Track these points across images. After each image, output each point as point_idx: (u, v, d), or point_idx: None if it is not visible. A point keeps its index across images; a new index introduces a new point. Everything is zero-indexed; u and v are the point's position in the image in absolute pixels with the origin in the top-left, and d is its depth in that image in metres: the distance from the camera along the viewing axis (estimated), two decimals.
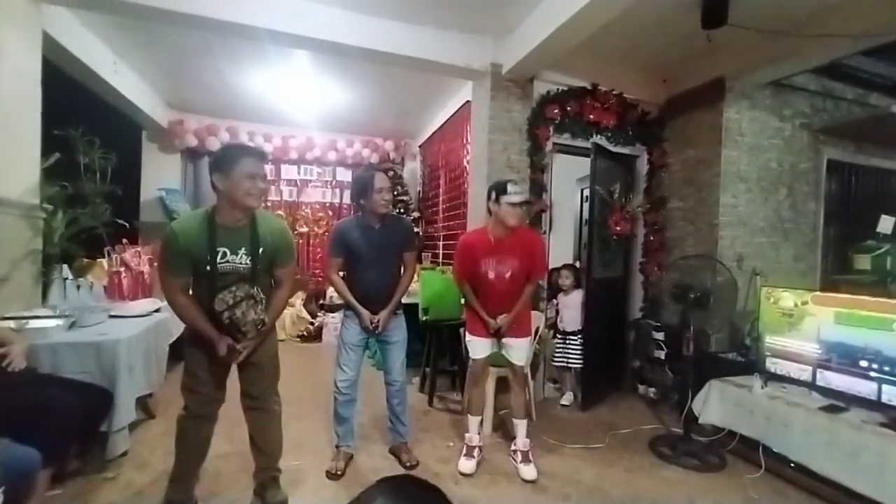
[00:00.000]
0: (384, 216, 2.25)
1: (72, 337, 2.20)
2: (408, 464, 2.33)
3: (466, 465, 2.32)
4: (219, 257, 1.62)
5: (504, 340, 2.40)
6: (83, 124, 2.96)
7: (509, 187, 2.20)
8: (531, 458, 2.34)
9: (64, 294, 2.65)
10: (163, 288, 1.66)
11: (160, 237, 1.65)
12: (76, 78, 3.45)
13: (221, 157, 1.62)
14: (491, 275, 2.30)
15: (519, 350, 2.40)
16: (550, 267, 3.50)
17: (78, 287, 2.76)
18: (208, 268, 1.61)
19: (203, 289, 1.66)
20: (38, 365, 2.01)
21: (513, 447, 2.43)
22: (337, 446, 2.33)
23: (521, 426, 2.41)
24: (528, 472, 2.28)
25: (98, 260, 3.20)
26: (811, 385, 2.48)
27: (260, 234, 1.70)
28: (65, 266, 2.74)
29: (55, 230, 2.65)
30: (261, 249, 1.69)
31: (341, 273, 2.33)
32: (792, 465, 2.29)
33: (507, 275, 2.29)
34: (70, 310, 2.42)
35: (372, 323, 2.24)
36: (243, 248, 1.66)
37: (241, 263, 1.66)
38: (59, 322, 2.24)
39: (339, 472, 2.21)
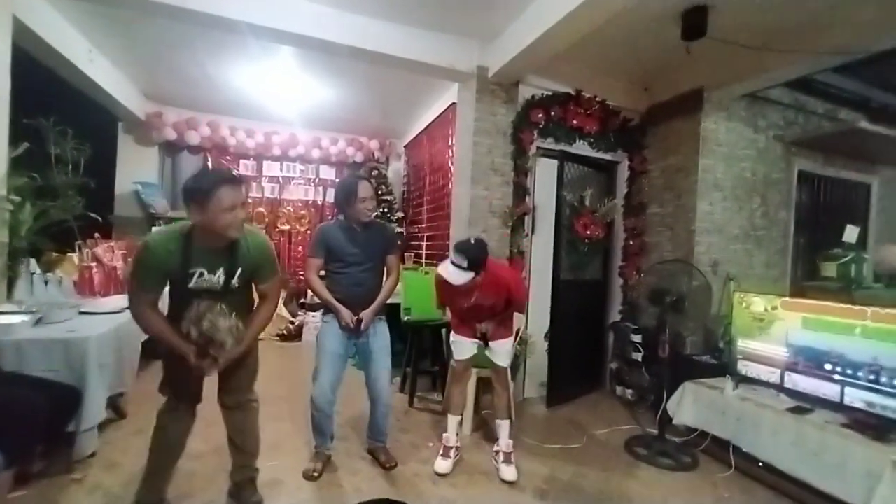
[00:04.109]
0: (368, 222, 2.26)
1: (38, 333, 2.12)
2: (387, 465, 2.32)
3: (443, 464, 2.33)
4: (195, 277, 1.59)
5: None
6: (56, 114, 2.86)
7: (452, 256, 2.08)
8: (513, 459, 2.36)
9: (31, 289, 2.55)
10: (130, 301, 1.60)
11: (136, 249, 1.60)
12: (49, 66, 3.31)
13: (195, 189, 1.51)
14: (469, 304, 2.30)
15: (502, 351, 2.42)
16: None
17: (46, 282, 2.66)
18: (181, 286, 1.60)
19: (177, 302, 1.64)
20: (2, 362, 1.93)
21: (495, 448, 2.44)
22: (315, 448, 2.31)
23: (503, 427, 2.42)
24: (509, 472, 2.29)
25: (68, 254, 3.09)
26: (779, 387, 2.57)
27: (240, 253, 1.65)
28: (32, 260, 2.63)
29: (23, 223, 2.54)
30: (239, 270, 1.66)
31: (322, 273, 2.30)
32: (761, 464, 2.37)
33: (488, 305, 2.30)
34: (37, 305, 2.33)
35: (353, 322, 2.18)
36: (221, 268, 1.63)
37: (213, 283, 1.63)
38: (25, 318, 2.15)
39: (316, 474, 2.19)
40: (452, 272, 2.05)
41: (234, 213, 1.53)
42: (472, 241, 2.13)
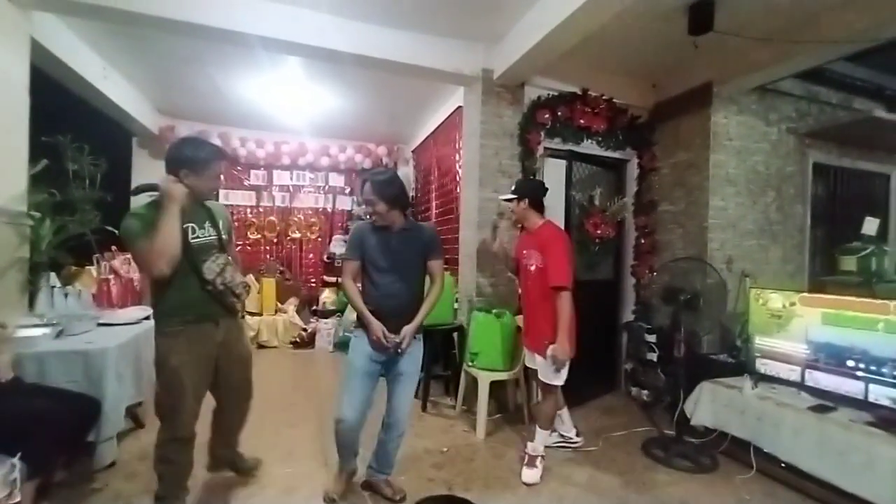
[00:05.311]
0: (403, 222, 2.01)
1: (59, 345, 2.17)
2: (396, 497, 2.06)
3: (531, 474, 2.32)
4: (190, 233, 1.70)
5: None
6: (72, 131, 2.93)
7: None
8: (537, 464, 2.33)
9: (51, 302, 2.61)
10: (142, 260, 1.61)
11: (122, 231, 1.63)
12: (65, 84, 3.42)
13: (193, 158, 1.69)
14: (524, 263, 2.47)
15: (540, 365, 2.39)
16: None
17: (66, 295, 2.72)
18: (182, 244, 1.65)
19: (183, 267, 1.65)
20: (24, 374, 1.98)
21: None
22: (339, 469, 2.10)
23: (538, 434, 2.38)
24: (527, 475, 2.29)
25: (86, 267, 3.16)
26: (800, 385, 2.51)
27: (213, 210, 1.88)
28: (52, 274, 2.70)
29: (42, 238, 2.62)
30: (220, 222, 1.84)
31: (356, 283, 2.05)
32: (783, 465, 2.31)
33: (532, 268, 2.40)
34: (57, 318, 2.38)
35: (388, 339, 1.90)
36: (207, 223, 1.79)
37: (209, 236, 1.76)
38: (46, 331, 2.21)
39: (335, 497, 2.01)
40: (505, 195, 2.54)
41: (218, 181, 1.86)
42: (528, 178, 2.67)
